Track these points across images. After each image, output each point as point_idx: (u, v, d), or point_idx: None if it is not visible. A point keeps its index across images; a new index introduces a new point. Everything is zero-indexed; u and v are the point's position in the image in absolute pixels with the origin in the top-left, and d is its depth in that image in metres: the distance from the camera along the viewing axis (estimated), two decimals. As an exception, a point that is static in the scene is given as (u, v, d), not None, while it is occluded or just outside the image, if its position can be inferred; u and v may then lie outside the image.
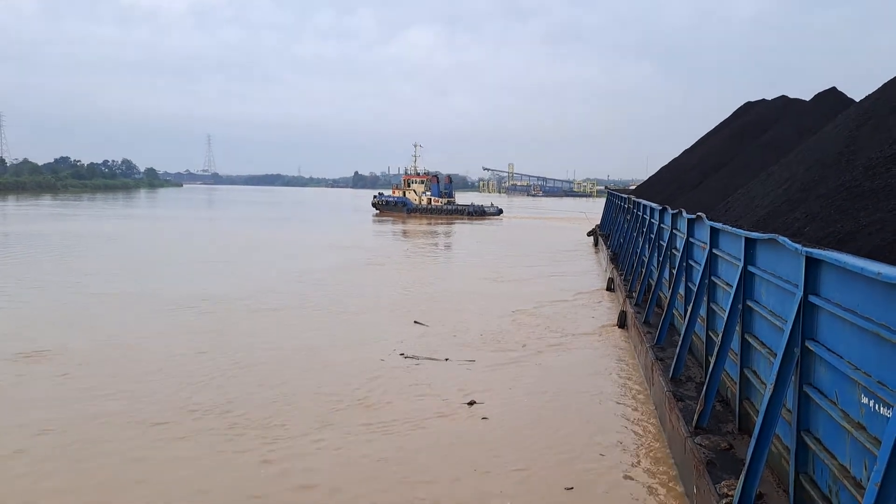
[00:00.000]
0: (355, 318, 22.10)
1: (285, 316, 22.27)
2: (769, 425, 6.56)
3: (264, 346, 17.91)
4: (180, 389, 14.20)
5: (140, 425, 12.14)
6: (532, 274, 34.53)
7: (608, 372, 16.18)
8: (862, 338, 5.27)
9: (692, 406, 9.82)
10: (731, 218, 13.34)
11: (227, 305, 23.66)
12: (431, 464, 10.77)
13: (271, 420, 12.51)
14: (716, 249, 10.95)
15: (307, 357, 17.02)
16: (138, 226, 66.35)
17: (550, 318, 22.58)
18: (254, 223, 73.86)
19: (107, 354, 16.94)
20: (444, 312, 23.25)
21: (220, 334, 19.30)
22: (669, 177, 37.64)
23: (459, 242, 57.59)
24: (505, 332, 20.30)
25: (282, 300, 24.89)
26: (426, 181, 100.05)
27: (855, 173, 9.05)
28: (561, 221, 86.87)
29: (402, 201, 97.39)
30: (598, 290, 28.60)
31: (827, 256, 5.73)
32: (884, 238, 7.24)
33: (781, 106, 31.22)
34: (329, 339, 19.04)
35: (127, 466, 10.39)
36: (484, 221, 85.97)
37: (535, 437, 11.95)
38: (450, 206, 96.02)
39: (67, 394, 13.86)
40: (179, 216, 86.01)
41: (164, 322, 20.87)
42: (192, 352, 17.27)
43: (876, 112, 11.20)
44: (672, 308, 14.80)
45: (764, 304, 8.13)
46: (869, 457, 5.07)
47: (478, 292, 27.79)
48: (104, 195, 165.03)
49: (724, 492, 7.10)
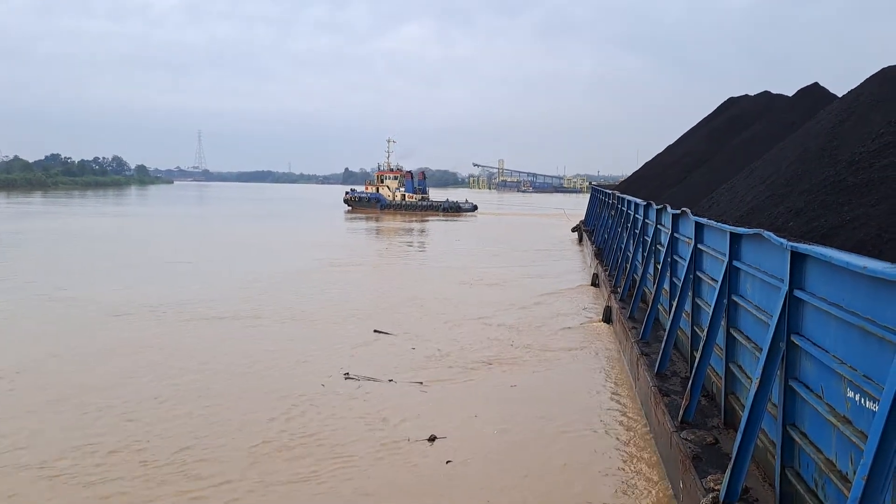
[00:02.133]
0: (308, 329, 19.93)
1: (227, 327, 19.99)
2: (755, 419, 6.57)
3: (186, 367, 15.54)
4: (76, 424, 11.92)
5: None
6: (511, 275, 32.55)
7: (593, 390, 14.55)
8: (847, 332, 5.29)
9: (677, 401, 9.84)
10: (714, 213, 13.37)
11: (166, 313, 21.46)
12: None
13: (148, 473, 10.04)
14: (701, 245, 10.97)
15: (231, 382, 14.52)
16: (112, 224, 64.35)
17: (528, 323, 20.92)
18: (231, 221, 72.47)
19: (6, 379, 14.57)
20: (412, 319, 21.41)
21: (140, 351, 16.93)
22: (653, 173, 37.75)
23: (434, 241, 55.24)
24: (476, 342, 18.39)
25: (231, 307, 22.71)
26: (400, 177, 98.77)
27: (838, 168, 9.09)
28: (540, 218, 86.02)
29: (376, 197, 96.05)
30: (582, 286, 28.65)
31: (812, 251, 5.74)
32: (867, 233, 7.27)
33: (764, 101, 31.37)
34: (269, 355, 16.69)
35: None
36: (460, 218, 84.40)
37: (511, 483, 9.96)
38: (424, 203, 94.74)
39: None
40: (159, 213, 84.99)
41: (87, 335, 18.68)
42: (104, 373, 15.07)
43: (858, 107, 11.27)
44: (657, 303, 14.85)
45: (749, 299, 8.15)
46: (855, 450, 5.08)
47: (451, 297, 25.74)
48: (94, 192, 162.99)
49: (710, 486, 7.11)
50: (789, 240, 6.34)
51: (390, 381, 14.68)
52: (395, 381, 14.70)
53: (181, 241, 47.98)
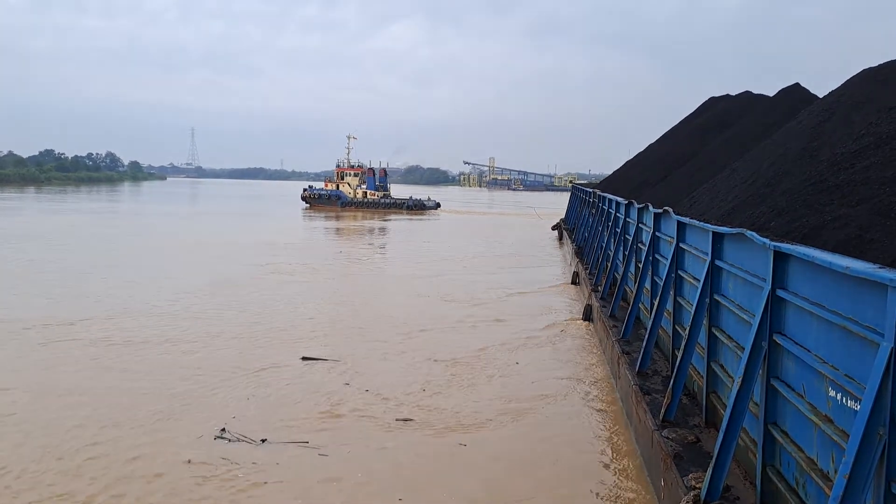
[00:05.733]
0: (206, 358, 15.94)
1: (106, 354, 16.10)
2: (737, 418, 6.60)
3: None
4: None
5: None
6: (482, 280, 29.14)
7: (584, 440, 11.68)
8: (829, 331, 5.31)
9: (659, 399, 9.87)
10: (696, 212, 13.44)
11: (29, 336, 17.60)
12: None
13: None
14: (682, 244, 11.00)
15: (42, 464, 10.10)
16: (64, 221, 59.55)
17: (501, 342, 17.95)
18: (205, 218, 70.21)
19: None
20: (357, 341, 18.05)
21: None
22: (634, 171, 37.98)
23: (397, 243, 50.01)
24: (431, 377, 14.90)
25: (130, 327, 18.82)
26: (361, 174, 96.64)
27: (820, 168, 9.16)
28: (511, 217, 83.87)
29: (336, 195, 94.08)
30: (562, 284, 28.72)
31: (795, 251, 5.76)
32: (848, 233, 7.33)
33: (745, 101, 31.66)
34: (132, 406, 12.60)
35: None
36: (424, 216, 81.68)
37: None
38: (386, 200, 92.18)
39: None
40: (126, 210, 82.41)
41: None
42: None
43: (839, 108, 11.36)
44: (638, 302, 14.88)
45: (731, 298, 8.18)
46: (836, 449, 5.11)
47: (414, 311, 22.24)
48: (87, 188, 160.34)
49: (691, 484, 7.13)
50: (772, 239, 6.37)
51: (311, 446, 10.90)
52: (288, 443, 10.98)
53: (123, 242, 43.04)
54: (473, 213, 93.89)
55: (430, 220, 74.84)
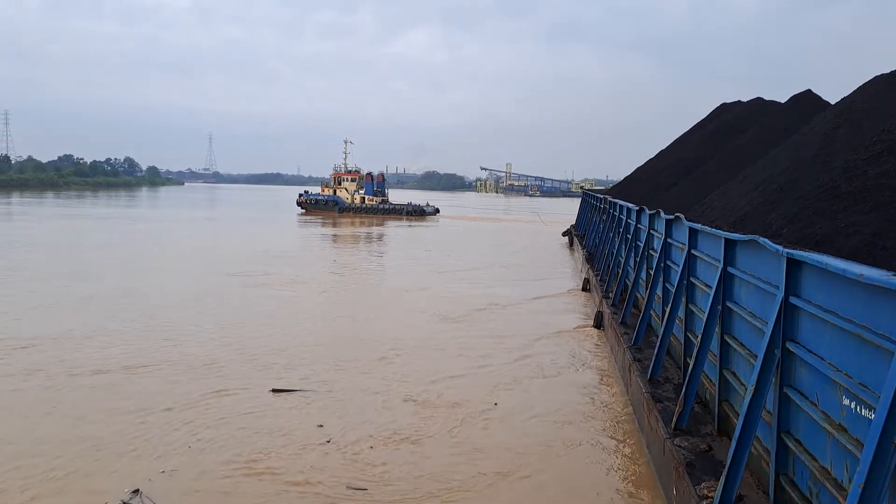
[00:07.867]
0: (146, 396, 13.25)
1: (19, 386, 13.80)
2: (750, 427, 6.56)
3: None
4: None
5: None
6: (486, 295, 26.50)
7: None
8: (843, 339, 5.27)
9: (671, 407, 9.82)
10: (707, 219, 13.39)
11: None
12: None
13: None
14: (694, 250, 10.96)
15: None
16: (57, 226, 57.56)
17: (514, 378, 15.55)
18: (209, 224, 69.11)
19: None
20: (338, 374, 15.41)
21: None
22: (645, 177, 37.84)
23: (398, 253, 46.52)
24: (430, 423, 12.39)
25: (85, 353, 16.35)
26: (358, 179, 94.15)
27: (833, 175, 9.11)
28: (520, 224, 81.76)
29: (333, 200, 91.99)
30: (572, 289, 28.66)
31: (808, 258, 5.73)
32: (861, 240, 7.29)
33: (757, 108, 31.55)
34: (29, 455, 10.28)
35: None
36: (424, 222, 79.84)
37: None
38: (385, 206, 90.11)
39: None
40: (132, 216, 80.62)
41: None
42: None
43: (851, 114, 11.30)
44: (649, 309, 14.83)
45: (744, 306, 8.14)
46: (850, 458, 5.07)
47: (415, 335, 19.61)
48: (106, 193, 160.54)
49: (704, 493, 7.09)
50: (785, 246, 6.33)
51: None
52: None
53: (109, 251, 40.43)
54: (477, 218, 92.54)
55: (430, 227, 73.54)
